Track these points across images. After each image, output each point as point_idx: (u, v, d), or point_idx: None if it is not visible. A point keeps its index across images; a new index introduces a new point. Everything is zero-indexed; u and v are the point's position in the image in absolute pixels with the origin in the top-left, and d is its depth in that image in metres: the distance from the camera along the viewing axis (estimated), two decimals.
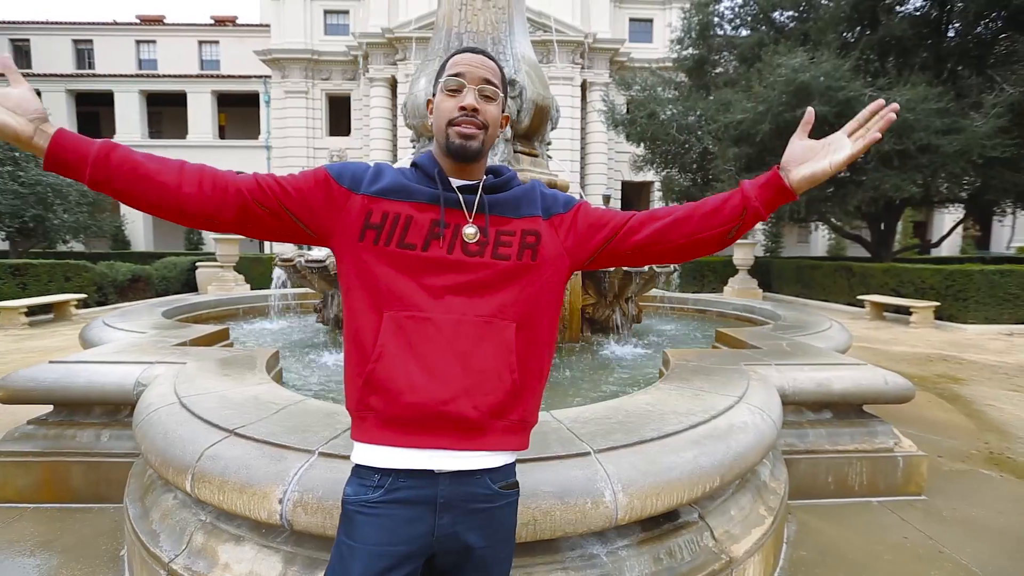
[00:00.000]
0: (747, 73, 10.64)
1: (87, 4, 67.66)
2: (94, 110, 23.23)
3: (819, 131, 0.88)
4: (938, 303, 8.51)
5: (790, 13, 11.60)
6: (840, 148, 0.98)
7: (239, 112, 23.90)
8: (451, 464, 0.93)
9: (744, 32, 12.53)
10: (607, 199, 20.08)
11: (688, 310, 5.97)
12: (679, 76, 14.18)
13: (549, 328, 1.04)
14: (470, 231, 0.97)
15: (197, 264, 12.05)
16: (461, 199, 0.99)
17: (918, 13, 10.12)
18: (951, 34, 10.24)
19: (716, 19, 12.62)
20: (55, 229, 13.83)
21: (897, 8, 10.06)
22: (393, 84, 19.77)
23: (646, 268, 4.31)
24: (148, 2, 66.99)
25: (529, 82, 4.24)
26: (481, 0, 4.26)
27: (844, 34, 10.49)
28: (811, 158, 0.98)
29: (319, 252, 4.11)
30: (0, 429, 2.75)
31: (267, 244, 21.16)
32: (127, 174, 0.90)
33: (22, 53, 24.94)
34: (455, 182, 1.01)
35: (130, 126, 22.10)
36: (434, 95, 1.03)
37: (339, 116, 22.44)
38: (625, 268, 4.31)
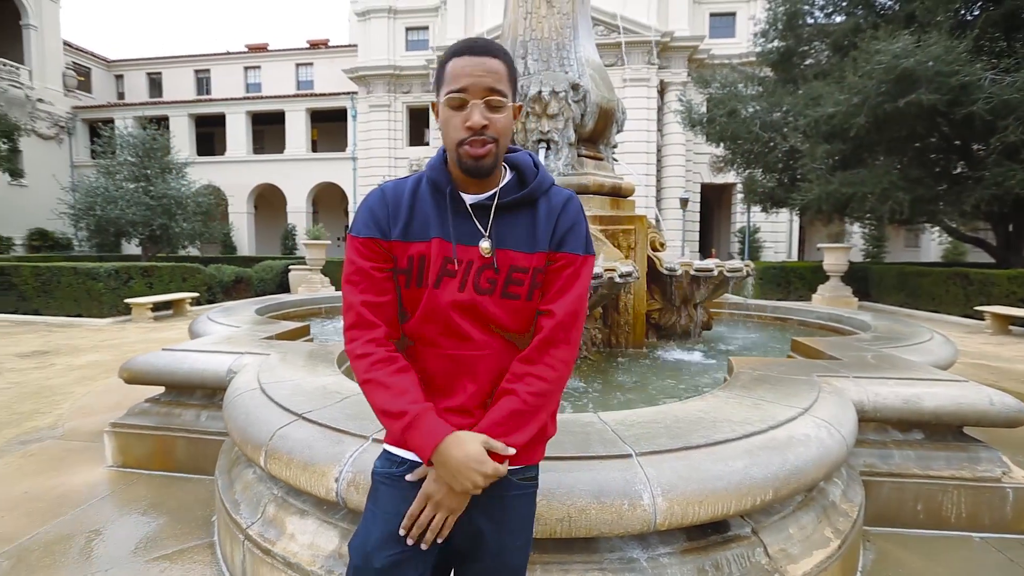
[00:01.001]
0: (840, 63, 9.79)
1: (206, 36, 76.77)
2: (210, 131, 26.21)
3: (929, 122, 0.79)
4: None
5: None
6: None
7: (329, 127, 25.85)
8: None
9: (838, 18, 11.53)
10: (684, 202, 19.34)
11: (766, 318, 5.60)
12: (763, 71, 13.34)
13: None
14: (485, 245, 0.99)
15: (290, 267, 13.18)
16: (476, 224, 1.00)
17: None
18: None
19: (806, 7, 11.73)
20: (176, 236, 15.76)
21: None
22: None
23: (715, 272, 4.13)
24: (255, 31, 74.69)
25: (593, 85, 4.23)
26: (546, 7, 4.33)
27: (960, 12, 9.33)
28: None
29: None
30: (125, 405, 3.22)
31: None
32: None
33: (155, 84, 28.79)
34: (469, 198, 1.01)
35: (238, 144, 24.68)
36: (439, 98, 0.97)
37: (419, 127, 23.61)
38: (693, 273, 4.16)
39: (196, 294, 10.20)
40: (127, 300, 8.76)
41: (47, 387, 4.59)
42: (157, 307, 9.13)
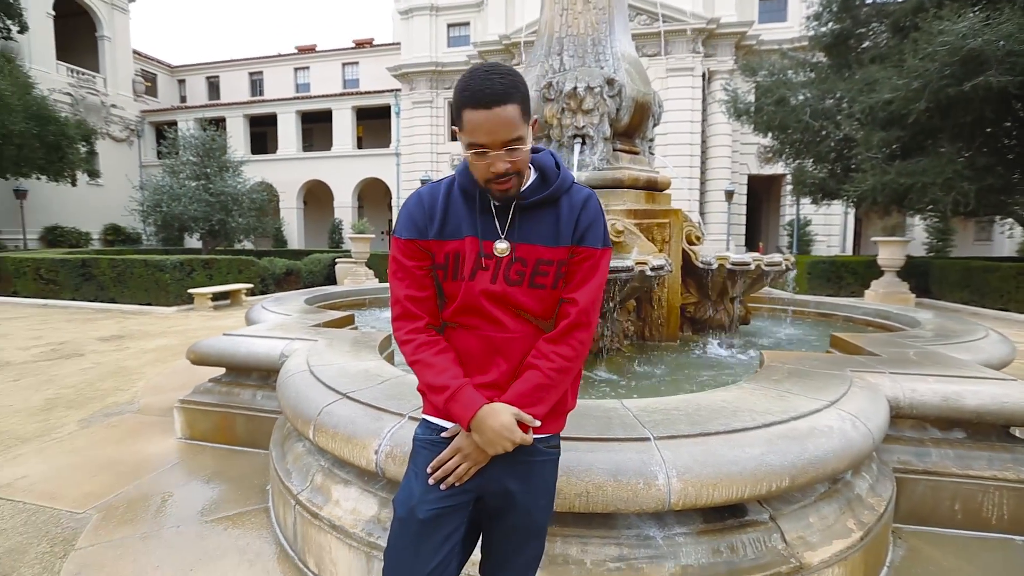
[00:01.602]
0: (900, 46, 9.22)
1: (260, 39, 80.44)
2: (263, 130, 27.52)
3: (1003, 106, 0.71)
4: None
5: None
6: None
7: (374, 124, 26.60)
8: None
9: None
10: (729, 195, 18.75)
11: (810, 313, 5.43)
12: (815, 56, 12.72)
13: None
14: (501, 246, 1.10)
15: (336, 260, 13.75)
16: (495, 224, 1.11)
17: None
18: None
19: None
20: (233, 231, 16.73)
21: None
22: None
23: (752, 266, 4.07)
24: (304, 32, 77.58)
25: (629, 80, 4.23)
26: (582, 3, 4.36)
27: None
28: None
29: None
30: (191, 384, 3.54)
31: None
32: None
33: (214, 87, 30.43)
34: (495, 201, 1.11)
35: (288, 142, 25.79)
36: (460, 134, 1.04)
37: None
38: (729, 266, 4.12)
39: (251, 285, 10.84)
40: (190, 290, 9.44)
41: (124, 368, 5.07)
42: (216, 297, 9.79)
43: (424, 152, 23.27)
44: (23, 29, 16.81)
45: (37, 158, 15.07)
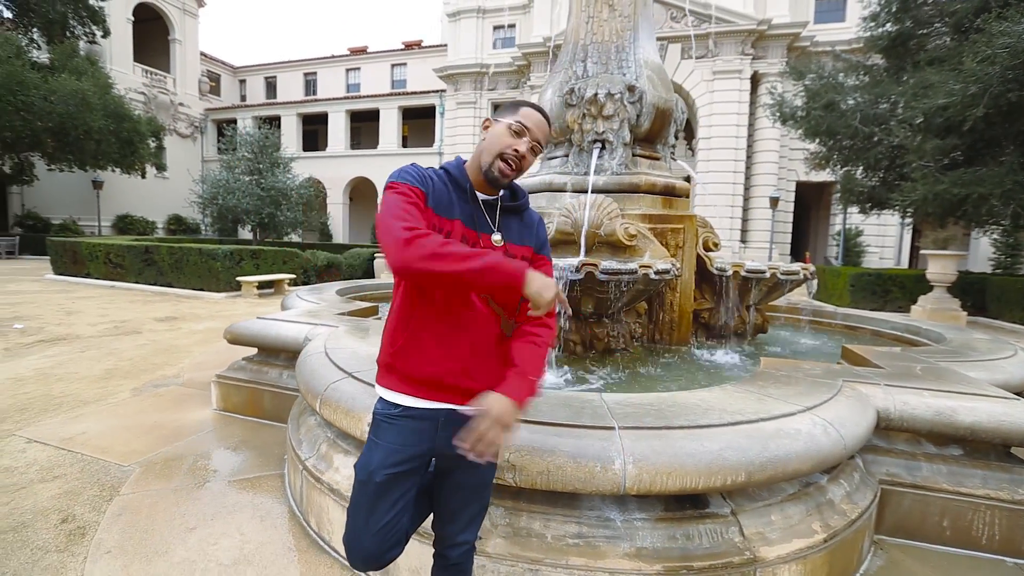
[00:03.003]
0: (959, 48, 8.74)
1: (315, 40, 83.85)
2: (314, 128, 28.80)
3: None
4: None
5: None
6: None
7: (419, 123, 27.32)
8: (455, 408, 1.28)
9: None
10: (774, 201, 18.13)
11: (836, 325, 5.30)
12: (871, 59, 12.17)
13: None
14: (496, 237, 1.30)
15: (375, 255, 14.28)
16: (487, 218, 1.31)
17: None
18: None
19: None
20: (281, 224, 17.64)
21: None
22: None
23: (768, 275, 4.06)
24: (357, 34, 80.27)
25: (650, 86, 4.30)
26: (607, 11, 4.45)
27: None
28: None
29: None
30: (227, 362, 3.89)
31: None
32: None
33: (271, 87, 32.06)
34: (480, 196, 1.31)
35: (337, 140, 26.87)
36: (495, 121, 1.29)
37: None
38: (744, 274, 4.12)
39: (294, 275, 11.46)
40: (238, 278, 10.10)
41: (174, 346, 5.56)
42: (262, 285, 10.42)
43: (467, 151, 23.69)
44: (106, 34, 18.37)
45: (113, 152, 16.45)
